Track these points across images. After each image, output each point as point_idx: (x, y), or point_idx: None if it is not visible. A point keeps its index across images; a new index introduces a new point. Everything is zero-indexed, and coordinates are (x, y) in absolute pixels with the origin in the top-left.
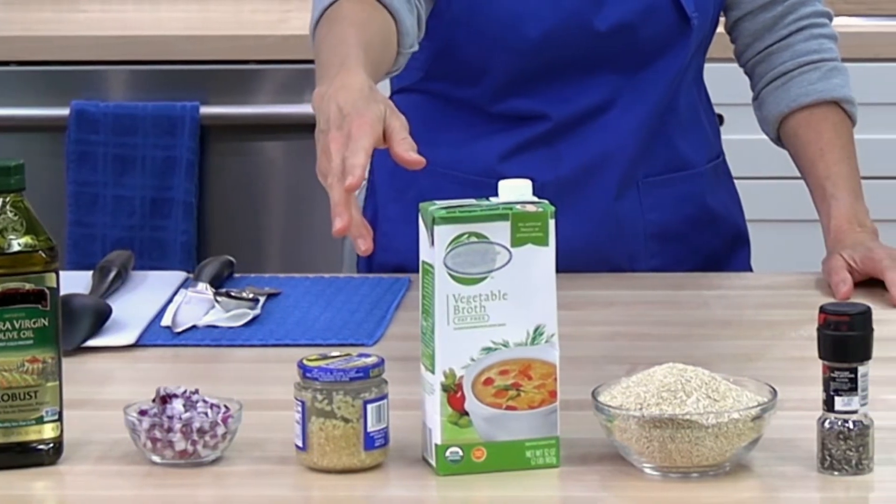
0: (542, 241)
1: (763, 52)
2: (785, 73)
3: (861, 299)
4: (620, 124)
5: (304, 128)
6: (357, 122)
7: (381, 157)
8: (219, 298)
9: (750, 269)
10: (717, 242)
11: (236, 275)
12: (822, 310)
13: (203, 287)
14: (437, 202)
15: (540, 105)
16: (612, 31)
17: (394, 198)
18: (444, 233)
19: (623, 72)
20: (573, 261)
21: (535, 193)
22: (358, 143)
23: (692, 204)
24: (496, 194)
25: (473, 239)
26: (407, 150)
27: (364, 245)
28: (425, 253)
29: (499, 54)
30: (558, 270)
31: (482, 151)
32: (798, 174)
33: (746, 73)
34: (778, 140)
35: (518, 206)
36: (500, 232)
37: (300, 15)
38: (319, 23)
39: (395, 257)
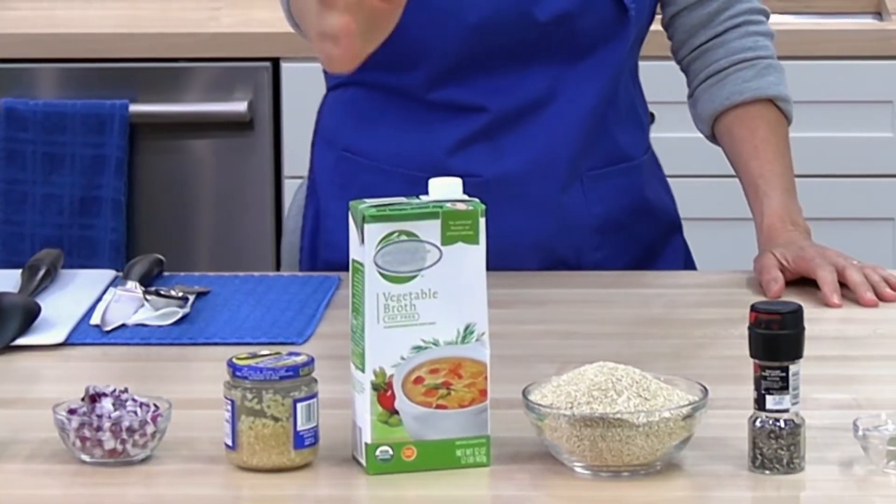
0: (473, 240)
1: (698, 49)
2: (719, 71)
3: (792, 298)
4: (562, 118)
5: (234, 126)
6: None
7: (322, 155)
8: (148, 297)
9: (688, 252)
10: (654, 232)
11: (165, 273)
12: (754, 308)
13: (132, 285)
14: (367, 200)
15: (478, 96)
16: (551, 21)
17: (335, 195)
18: (374, 231)
19: (561, 63)
20: (520, 257)
21: (480, 189)
22: None
23: (632, 196)
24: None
25: (403, 237)
26: None
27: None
28: (355, 251)
29: (437, 39)
30: (505, 267)
31: (425, 146)
32: (731, 172)
33: (682, 70)
34: (712, 138)
35: (448, 205)
36: (430, 230)
37: (230, 12)
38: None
39: (338, 255)
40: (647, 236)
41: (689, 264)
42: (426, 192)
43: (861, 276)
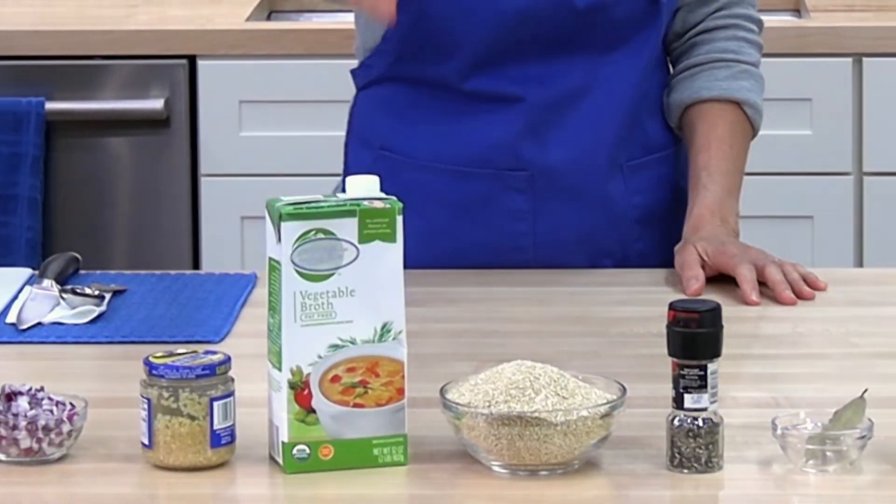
0: (390, 238)
1: (687, 43)
2: (697, 65)
3: (712, 295)
4: (602, 108)
5: (150, 123)
6: None
7: (357, 156)
8: (64, 295)
9: None
10: None
11: (82, 271)
12: (672, 306)
13: (48, 284)
14: (284, 198)
15: (513, 85)
16: (588, 9)
17: None
18: (291, 229)
19: (597, 52)
20: (567, 250)
21: (526, 182)
22: None
23: (668, 186)
24: (490, 185)
25: (320, 235)
26: None
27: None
28: (272, 249)
29: (472, 27)
30: (553, 261)
31: (466, 141)
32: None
33: (671, 61)
34: (679, 129)
35: (365, 203)
36: (347, 228)
37: (147, 10)
38: None
39: None
40: (682, 227)
41: None
42: (471, 188)
43: (780, 275)
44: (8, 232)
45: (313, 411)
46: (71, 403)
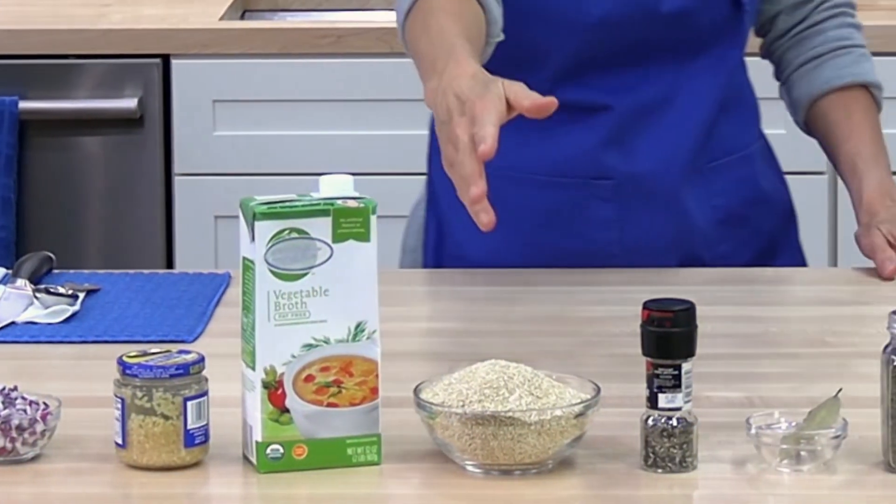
0: (364, 237)
1: (794, 38)
2: (817, 57)
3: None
4: (685, 115)
5: (124, 122)
6: (479, 104)
7: (440, 163)
8: (38, 294)
9: (799, 247)
10: (772, 223)
11: (55, 271)
12: (646, 306)
13: (22, 283)
14: (258, 197)
15: (602, 95)
16: (672, 16)
17: (462, 205)
18: (265, 228)
19: (681, 60)
20: (657, 256)
21: (612, 191)
22: (484, 118)
23: (748, 186)
24: (576, 194)
25: (294, 235)
26: (538, 98)
27: (486, 218)
28: (245, 249)
29: (560, 36)
30: (642, 265)
31: (553, 150)
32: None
33: (773, 61)
34: (804, 124)
35: (339, 202)
36: (321, 228)
37: (120, 9)
38: (410, 15)
39: (468, 266)
40: (766, 227)
41: (803, 259)
42: (556, 197)
43: None
44: None
45: (287, 411)
46: (44, 403)
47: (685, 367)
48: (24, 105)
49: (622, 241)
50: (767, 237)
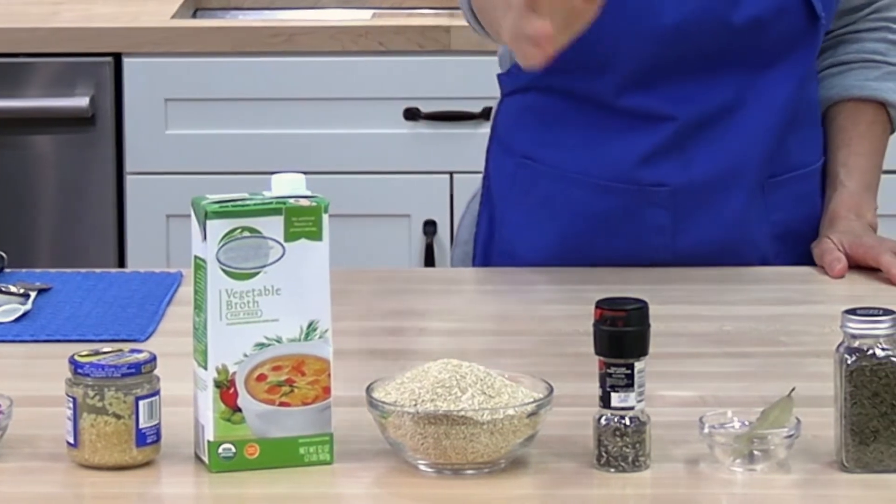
0: (316, 236)
1: (833, 40)
2: (846, 63)
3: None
4: (750, 126)
5: (75, 121)
6: None
7: (499, 163)
8: None
9: None
10: None
11: (6, 270)
12: (599, 305)
13: None
14: (209, 196)
15: (667, 104)
16: (745, 26)
17: (514, 203)
18: (217, 227)
19: (751, 70)
20: (703, 265)
21: (667, 198)
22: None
23: (808, 203)
24: (631, 200)
25: (246, 233)
26: None
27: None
28: (197, 248)
29: (630, 43)
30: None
31: (611, 155)
32: None
33: None
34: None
35: (291, 201)
36: (273, 226)
37: (72, 7)
38: None
39: (516, 264)
40: None
41: None
42: (611, 201)
43: None
44: None
45: (239, 410)
46: None
47: (638, 366)
48: None
49: (674, 247)
50: None
